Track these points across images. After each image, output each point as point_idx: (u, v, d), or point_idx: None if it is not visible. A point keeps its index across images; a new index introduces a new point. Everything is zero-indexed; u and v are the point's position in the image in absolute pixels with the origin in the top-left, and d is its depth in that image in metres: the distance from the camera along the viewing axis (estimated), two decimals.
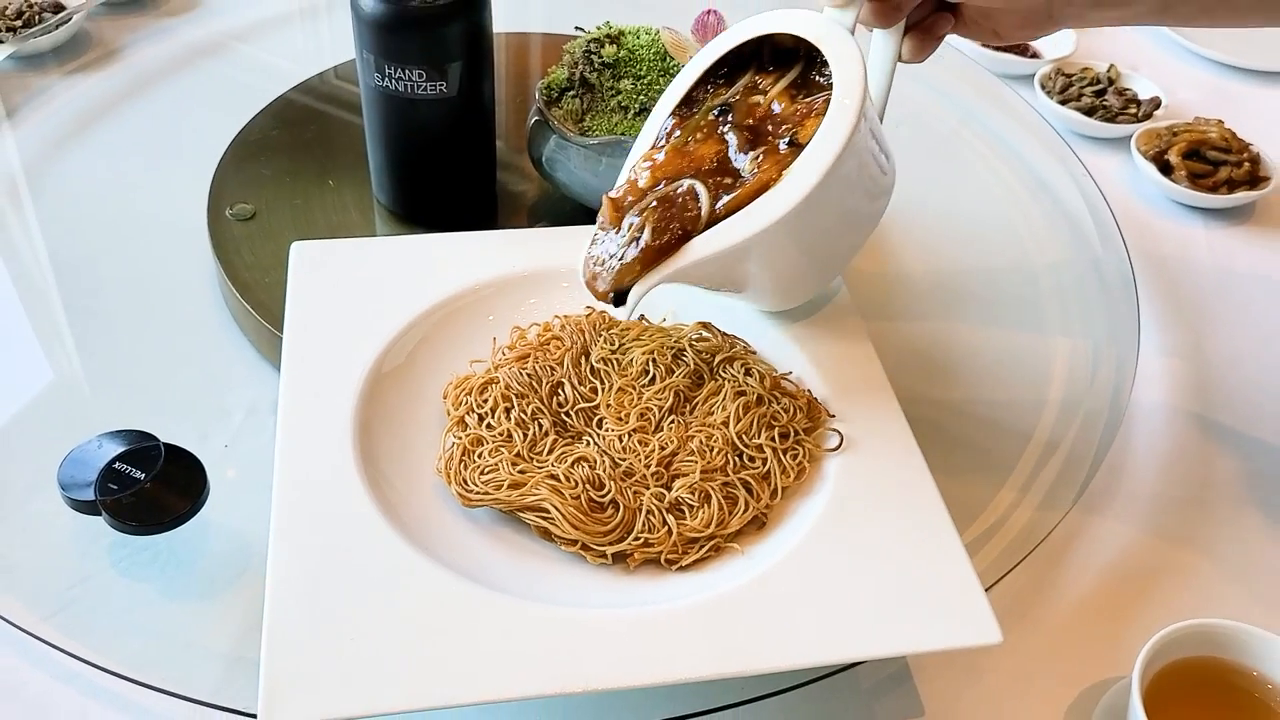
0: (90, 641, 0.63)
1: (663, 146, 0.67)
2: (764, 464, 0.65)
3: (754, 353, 0.72)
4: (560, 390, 0.68)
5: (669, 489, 0.63)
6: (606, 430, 0.66)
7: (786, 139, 0.64)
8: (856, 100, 0.62)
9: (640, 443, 0.65)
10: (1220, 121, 1.10)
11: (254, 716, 0.52)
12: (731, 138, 0.66)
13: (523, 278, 0.75)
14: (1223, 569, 0.73)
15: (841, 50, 0.64)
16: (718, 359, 0.70)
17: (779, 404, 0.67)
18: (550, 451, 0.64)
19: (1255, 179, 1.05)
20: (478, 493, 0.62)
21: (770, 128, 0.66)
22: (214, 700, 0.59)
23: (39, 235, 0.92)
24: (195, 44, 1.17)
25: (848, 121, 0.61)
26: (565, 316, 0.73)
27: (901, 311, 0.91)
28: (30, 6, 1.12)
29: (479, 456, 0.64)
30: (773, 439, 0.65)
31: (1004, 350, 0.88)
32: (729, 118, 0.66)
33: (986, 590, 0.59)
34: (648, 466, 0.64)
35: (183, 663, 0.62)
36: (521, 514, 0.62)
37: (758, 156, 0.64)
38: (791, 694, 0.61)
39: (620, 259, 0.63)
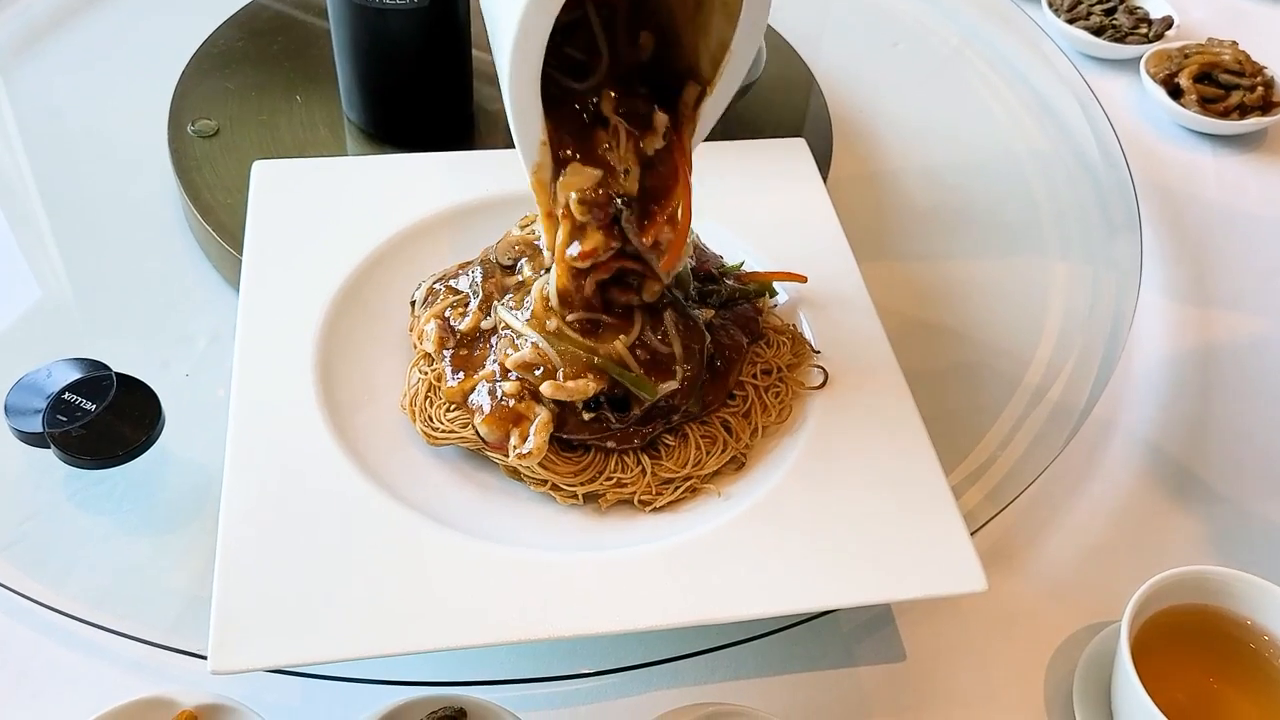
0: (43, 577, 0.61)
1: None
2: (745, 401, 0.62)
3: None
4: None
5: None
6: None
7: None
8: None
9: None
10: (1234, 43, 1.05)
11: (205, 659, 0.50)
12: None
13: (500, 201, 0.72)
14: (1219, 515, 0.71)
15: None
16: None
17: (763, 338, 0.64)
18: None
19: (1268, 104, 1.01)
20: (443, 431, 0.59)
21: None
22: (169, 641, 0.57)
23: None
24: None
25: None
26: None
27: (895, 238, 0.87)
28: None
29: None
30: (755, 375, 0.63)
31: (1001, 280, 0.85)
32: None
33: (973, 533, 0.57)
34: None
35: (139, 600, 0.60)
36: (489, 453, 0.59)
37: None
38: (770, 637, 0.60)
39: None
